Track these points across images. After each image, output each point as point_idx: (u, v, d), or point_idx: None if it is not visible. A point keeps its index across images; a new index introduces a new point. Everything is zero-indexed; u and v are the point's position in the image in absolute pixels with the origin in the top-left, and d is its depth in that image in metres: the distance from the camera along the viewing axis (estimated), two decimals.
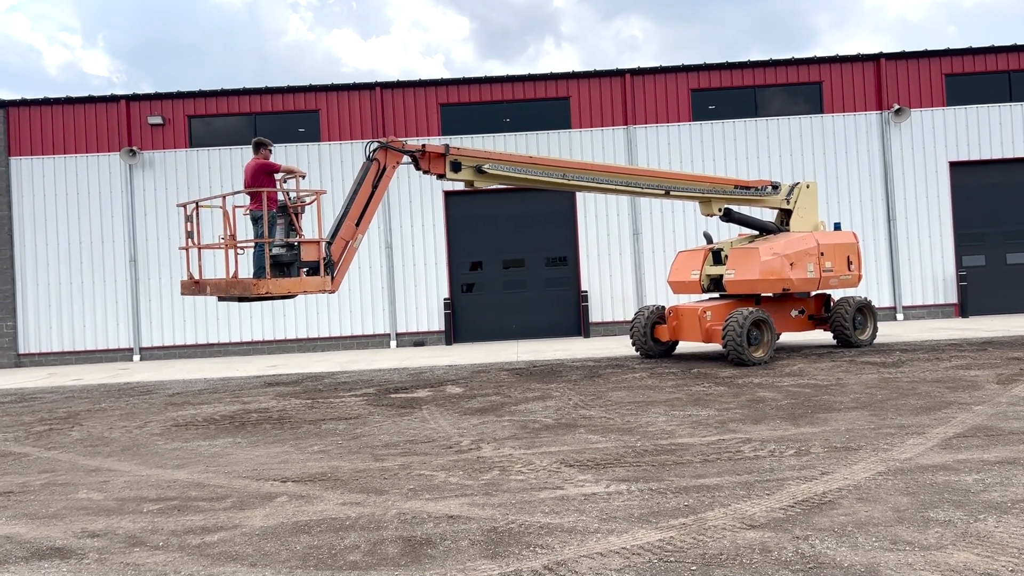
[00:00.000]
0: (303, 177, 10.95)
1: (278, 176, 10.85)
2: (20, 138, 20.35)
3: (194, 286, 11.18)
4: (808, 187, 14.73)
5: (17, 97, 20.50)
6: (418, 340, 20.38)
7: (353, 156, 20.26)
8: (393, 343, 20.31)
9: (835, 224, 15.37)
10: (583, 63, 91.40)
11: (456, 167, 11.91)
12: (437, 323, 20.41)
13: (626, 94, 20.62)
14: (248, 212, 10.91)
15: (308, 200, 11.14)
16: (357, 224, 11.12)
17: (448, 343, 20.11)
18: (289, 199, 10.66)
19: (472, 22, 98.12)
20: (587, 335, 20.11)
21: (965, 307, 20.23)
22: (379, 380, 13.06)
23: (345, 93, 20.66)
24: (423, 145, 11.76)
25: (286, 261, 10.48)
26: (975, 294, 20.50)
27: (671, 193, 13.56)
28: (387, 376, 13.60)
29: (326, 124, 20.63)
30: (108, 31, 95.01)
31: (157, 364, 18.91)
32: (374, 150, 11.43)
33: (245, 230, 12.75)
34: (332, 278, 10.71)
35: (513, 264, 20.92)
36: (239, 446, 7.85)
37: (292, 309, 20.12)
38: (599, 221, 20.60)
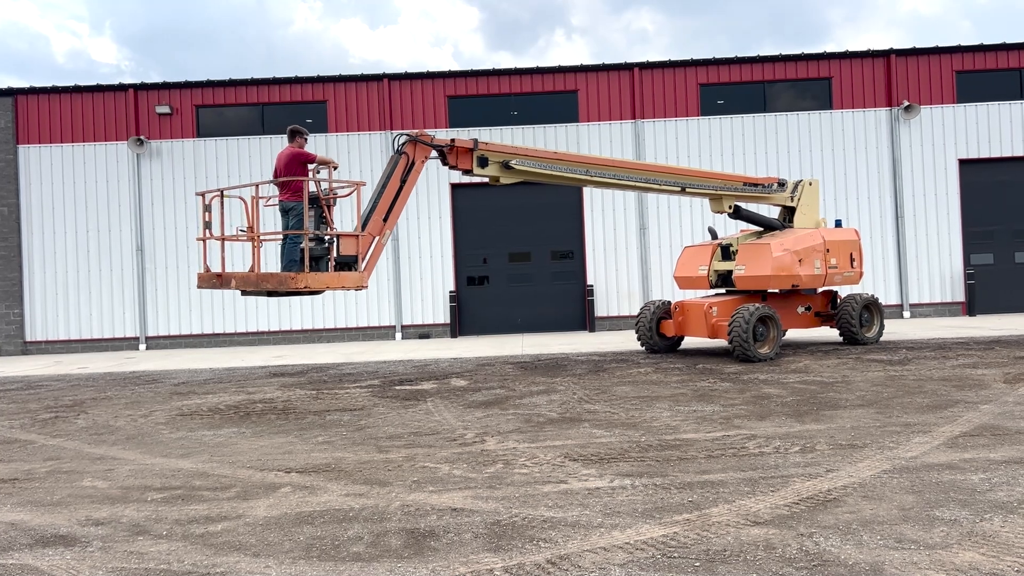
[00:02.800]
0: (336, 168, 10.70)
1: (311, 166, 10.58)
2: (28, 126, 20.40)
3: (215, 279, 10.66)
4: (811, 184, 14.83)
5: (25, 85, 20.56)
6: (423, 332, 20.39)
7: (360, 148, 20.27)
8: (398, 335, 20.33)
9: (836, 221, 15.37)
10: (593, 56, 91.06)
11: (483, 162, 11.71)
12: (442, 316, 20.42)
13: (634, 88, 20.55)
14: (277, 203, 10.68)
15: (343, 192, 10.91)
16: (385, 219, 10.84)
17: (453, 336, 20.12)
18: (321, 191, 10.37)
19: (482, 12, 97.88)
20: (592, 329, 20.10)
21: (973, 305, 20.14)
22: (384, 372, 13.07)
23: (353, 84, 20.63)
24: (452, 140, 11.51)
25: (317, 255, 10.18)
26: (983, 292, 20.40)
27: (687, 190, 13.53)
28: (392, 368, 13.61)
29: (333, 115, 20.62)
30: (116, 19, 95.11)
31: (163, 353, 18.98)
32: (403, 144, 11.14)
33: (264, 221, 12.53)
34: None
35: (519, 257, 20.91)
36: (243, 436, 7.86)
37: (298, 300, 20.12)
38: (606, 215, 20.56)
